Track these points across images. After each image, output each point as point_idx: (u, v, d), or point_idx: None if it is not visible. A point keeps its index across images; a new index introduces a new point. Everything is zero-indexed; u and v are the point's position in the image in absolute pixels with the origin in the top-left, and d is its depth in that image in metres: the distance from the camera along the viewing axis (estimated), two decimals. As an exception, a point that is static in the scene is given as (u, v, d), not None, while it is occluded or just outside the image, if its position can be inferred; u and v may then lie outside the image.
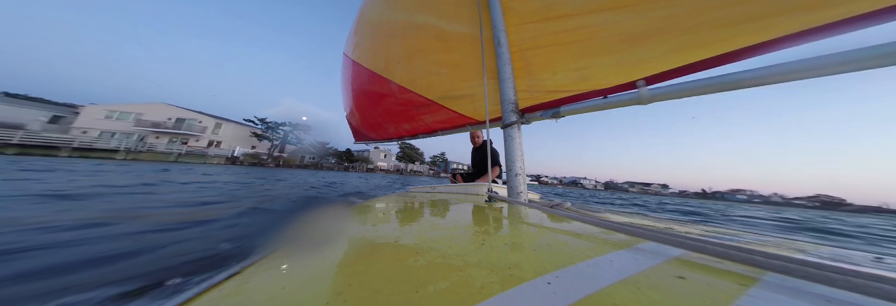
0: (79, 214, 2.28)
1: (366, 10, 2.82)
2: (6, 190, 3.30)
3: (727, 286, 0.38)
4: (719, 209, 11.94)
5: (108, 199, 3.19)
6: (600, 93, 1.21)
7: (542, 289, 0.36)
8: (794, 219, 8.79)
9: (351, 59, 3.10)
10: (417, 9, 2.09)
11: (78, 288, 1.02)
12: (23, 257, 1.32)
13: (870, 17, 0.70)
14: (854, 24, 0.72)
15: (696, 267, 0.45)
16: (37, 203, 2.68)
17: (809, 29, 0.77)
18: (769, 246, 0.85)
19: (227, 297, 0.47)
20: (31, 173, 5.76)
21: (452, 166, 78.23)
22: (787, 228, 5.47)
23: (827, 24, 0.74)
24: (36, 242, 1.51)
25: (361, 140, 4.00)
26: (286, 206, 3.55)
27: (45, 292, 1.00)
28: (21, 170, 6.33)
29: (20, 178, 4.78)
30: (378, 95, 2.73)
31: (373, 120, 3.17)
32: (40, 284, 1.08)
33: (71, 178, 5.17)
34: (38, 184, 4.13)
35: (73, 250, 1.44)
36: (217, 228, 2.08)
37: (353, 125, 3.85)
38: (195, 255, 1.41)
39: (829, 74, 0.68)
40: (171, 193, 4.07)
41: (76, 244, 1.53)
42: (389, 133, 3.16)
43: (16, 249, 1.38)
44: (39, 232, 1.69)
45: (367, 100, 3.05)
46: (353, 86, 3.19)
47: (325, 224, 1.12)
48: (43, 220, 1.93)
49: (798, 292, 0.37)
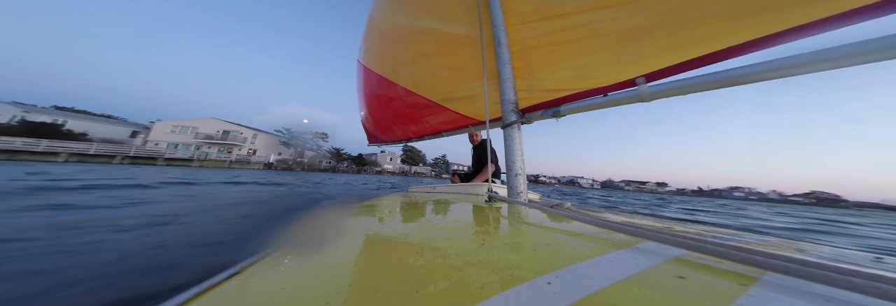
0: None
1: (374, 17, 2.96)
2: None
3: (727, 286, 0.38)
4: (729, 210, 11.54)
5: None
6: (600, 91, 1.21)
7: (542, 289, 0.36)
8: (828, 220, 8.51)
9: (362, 65, 3.27)
10: (421, 13, 2.18)
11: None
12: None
13: (870, 9, 0.69)
14: (856, 18, 0.71)
15: (696, 267, 0.45)
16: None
17: (811, 22, 0.76)
18: (769, 246, 0.84)
19: (227, 297, 0.47)
20: (194, 182, 7.22)
21: (453, 167, 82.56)
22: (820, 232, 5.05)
23: (829, 17, 0.74)
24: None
25: (374, 142, 4.20)
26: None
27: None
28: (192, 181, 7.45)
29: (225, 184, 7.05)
30: (387, 99, 2.87)
31: (383, 122, 3.33)
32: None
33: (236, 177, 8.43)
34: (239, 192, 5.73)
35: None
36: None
37: (367, 128, 4.05)
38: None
39: (831, 68, 0.67)
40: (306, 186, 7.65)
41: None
42: (398, 135, 3.30)
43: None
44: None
45: (377, 104, 3.21)
46: (366, 90, 3.37)
47: (325, 224, 1.12)
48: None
49: (798, 292, 0.37)
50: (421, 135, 2.89)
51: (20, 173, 6.81)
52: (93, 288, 1.05)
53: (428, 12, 2.10)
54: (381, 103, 3.09)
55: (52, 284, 1.09)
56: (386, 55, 2.69)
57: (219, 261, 1.33)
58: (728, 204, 23.91)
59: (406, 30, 2.34)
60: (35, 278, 1.12)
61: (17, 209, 2.46)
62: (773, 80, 0.78)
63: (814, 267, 0.33)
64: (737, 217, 7.62)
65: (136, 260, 1.37)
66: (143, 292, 1.02)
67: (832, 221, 7.83)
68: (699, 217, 6.95)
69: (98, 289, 1.05)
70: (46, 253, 1.38)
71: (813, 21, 0.76)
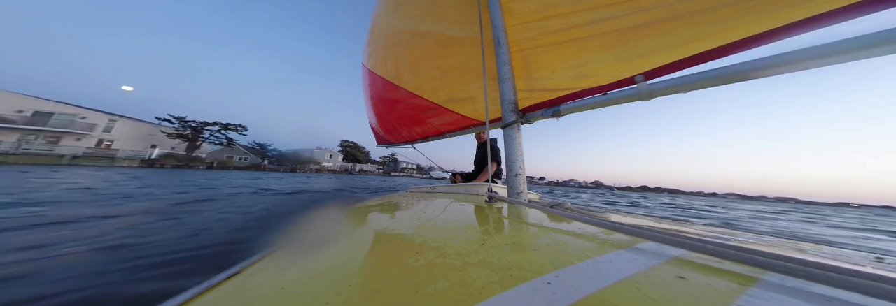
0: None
1: (377, 21, 3.01)
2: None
3: (727, 286, 0.38)
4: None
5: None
6: (600, 89, 1.21)
7: (543, 289, 0.36)
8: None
9: (367, 69, 3.35)
10: (421, 17, 2.21)
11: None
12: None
13: (872, 3, 0.69)
14: (857, 12, 0.71)
15: (696, 267, 0.45)
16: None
17: (810, 17, 0.76)
18: (769, 246, 0.84)
19: (227, 297, 0.47)
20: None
21: (402, 165, 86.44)
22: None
23: (828, 12, 0.74)
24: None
25: (383, 143, 4.30)
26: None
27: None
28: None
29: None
30: (391, 101, 2.95)
31: (389, 124, 3.40)
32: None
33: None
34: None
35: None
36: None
37: (375, 129, 4.15)
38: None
39: (832, 64, 0.67)
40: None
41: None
42: (404, 136, 3.36)
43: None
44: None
45: (382, 106, 3.28)
46: (371, 93, 3.45)
47: (325, 224, 1.12)
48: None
49: (798, 292, 0.37)
50: (425, 136, 2.95)
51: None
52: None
53: (428, 15, 2.13)
54: (386, 106, 3.16)
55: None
56: (389, 59, 2.74)
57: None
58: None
59: (408, 33, 2.38)
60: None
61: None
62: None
63: (814, 267, 0.33)
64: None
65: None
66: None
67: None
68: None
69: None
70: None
71: (812, 16, 0.76)
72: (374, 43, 3.08)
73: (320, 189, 8.46)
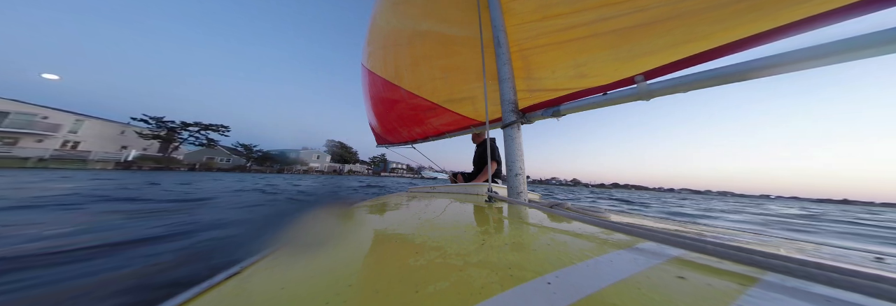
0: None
1: (377, 21, 2.99)
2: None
3: (727, 286, 0.38)
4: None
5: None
6: (600, 89, 1.21)
7: (543, 289, 0.36)
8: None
9: (367, 69, 3.32)
10: (421, 16, 2.20)
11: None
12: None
13: (869, 4, 0.69)
14: (856, 12, 0.71)
15: (696, 267, 0.45)
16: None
17: (809, 17, 0.76)
18: (769, 246, 0.84)
19: (227, 297, 0.47)
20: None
21: (392, 166, 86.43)
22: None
23: (829, 12, 0.74)
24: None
25: (382, 143, 4.28)
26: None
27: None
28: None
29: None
30: (391, 101, 2.93)
31: (389, 124, 3.39)
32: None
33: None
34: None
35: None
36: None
37: (375, 130, 4.14)
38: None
39: (831, 64, 0.67)
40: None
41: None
42: (404, 136, 3.35)
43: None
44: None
45: (382, 106, 3.26)
46: (371, 93, 3.43)
47: (325, 224, 1.12)
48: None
49: (798, 292, 0.37)
50: (425, 136, 2.94)
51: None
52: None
53: (428, 15, 2.12)
54: (385, 106, 3.14)
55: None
56: (389, 59, 2.73)
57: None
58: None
59: (407, 33, 2.37)
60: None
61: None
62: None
63: (814, 267, 0.33)
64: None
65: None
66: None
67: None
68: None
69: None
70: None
71: (811, 16, 0.76)
72: (374, 43, 3.07)
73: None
